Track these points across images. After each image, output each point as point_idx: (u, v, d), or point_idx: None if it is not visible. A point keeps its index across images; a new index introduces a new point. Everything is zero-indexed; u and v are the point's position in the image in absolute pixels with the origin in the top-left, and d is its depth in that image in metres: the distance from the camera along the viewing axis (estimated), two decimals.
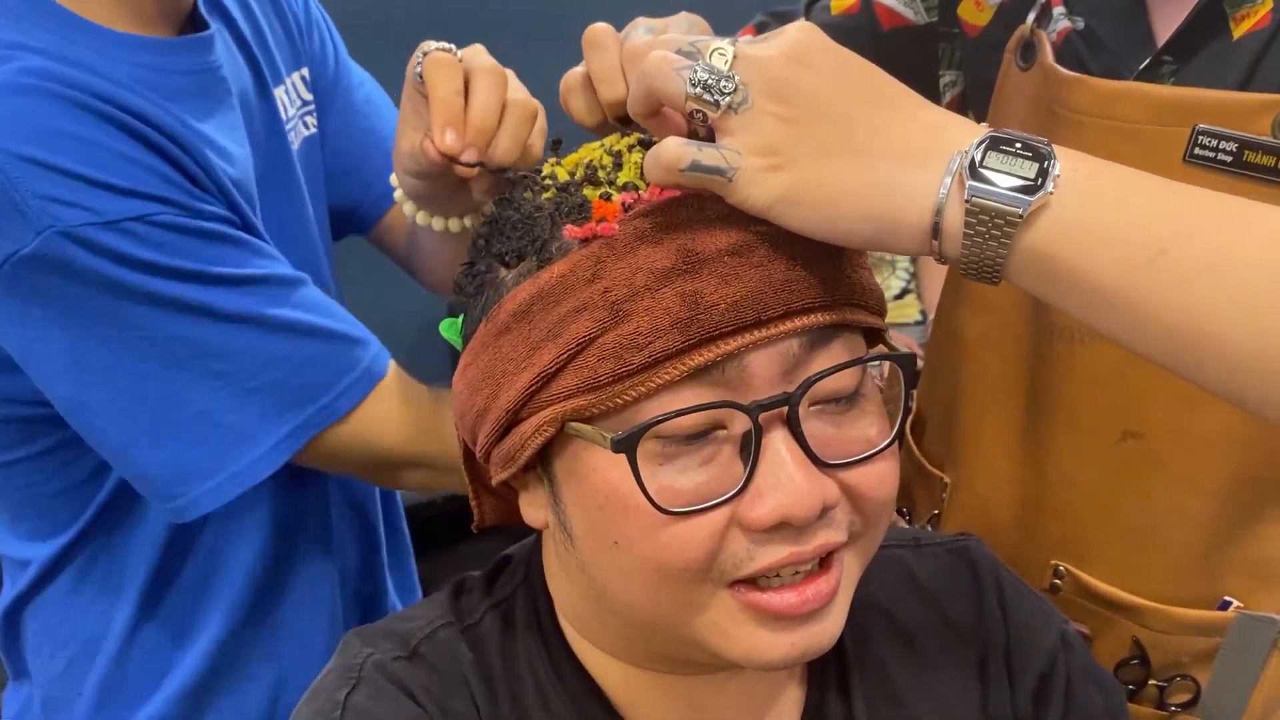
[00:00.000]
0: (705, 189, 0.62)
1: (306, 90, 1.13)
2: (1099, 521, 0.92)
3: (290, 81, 1.10)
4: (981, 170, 0.59)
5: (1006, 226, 0.58)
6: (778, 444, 0.62)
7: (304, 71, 1.13)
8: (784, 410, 0.62)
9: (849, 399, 0.66)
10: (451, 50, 0.82)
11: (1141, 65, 0.87)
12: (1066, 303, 0.60)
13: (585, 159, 0.68)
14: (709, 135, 0.63)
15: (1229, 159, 0.80)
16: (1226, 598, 0.90)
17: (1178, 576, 0.90)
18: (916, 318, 2.37)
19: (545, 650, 0.74)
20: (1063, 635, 0.81)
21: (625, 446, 0.61)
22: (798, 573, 0.64)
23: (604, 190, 0.65)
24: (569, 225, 0.65)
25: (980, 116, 1.00)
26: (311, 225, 1.11)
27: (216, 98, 0.99)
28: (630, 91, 0.67)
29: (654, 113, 0.66)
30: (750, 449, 0.62)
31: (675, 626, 0.66)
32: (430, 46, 0.82)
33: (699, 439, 0.63)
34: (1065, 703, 0.80)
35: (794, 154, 0.60)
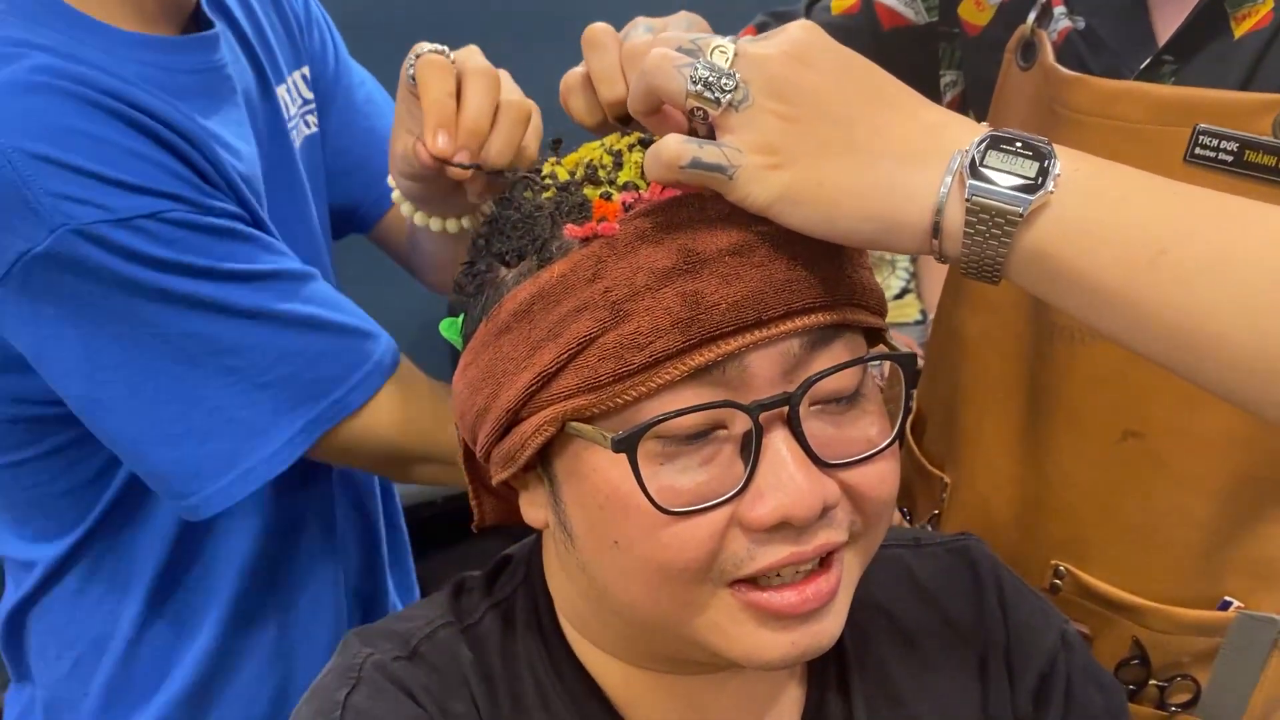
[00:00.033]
0: (705, 187, 0.62)
1: (307, 89, 1.13)
2: (1099, 521, 0.92)
3: (291, 80, 1.10)
4: (982, 169, 0.59)
5: (1007, 225, 0.58)
6: (778, 444, 0.62)
7: (305, 70, 1.13)
8: (784, 410, 0.62)
9: (849, 399, 0.66)
10: (444, 52, 0.81)
11: (1142, 65, 0.86)
12: (1067, 302, 0.60)
13: (585, 158, 0.68)
14: (710, 133, 0.63)
15: (1230, 159, 0.80)
16: (1227, 598, 0.90)
17: (1178, 576, 0.90)
18: (916, 317, 2.36)
19: (545, 650, 0.74)
20: (1063, 635, 0.81)
21: (626, 446, 0.61)
22: (798, 572, 0.64)
23: (604, 190, 0.65)
24: (569, 225, 0.65)
25: (981, 116, 1.00)
26: (314, 224, 1.10)
27: (222, 96, 0.99)
28: (631, 89, 0.67)
29: (654, 110, 0.66)
30: (751, 449, 0.62)
31: (675, 626, 0.66)
32: (423, 48, 0.81)
33: (699, 439, 0.63)
34: (1065, 703, 0.80)
35: (795, 152, 0.60)
